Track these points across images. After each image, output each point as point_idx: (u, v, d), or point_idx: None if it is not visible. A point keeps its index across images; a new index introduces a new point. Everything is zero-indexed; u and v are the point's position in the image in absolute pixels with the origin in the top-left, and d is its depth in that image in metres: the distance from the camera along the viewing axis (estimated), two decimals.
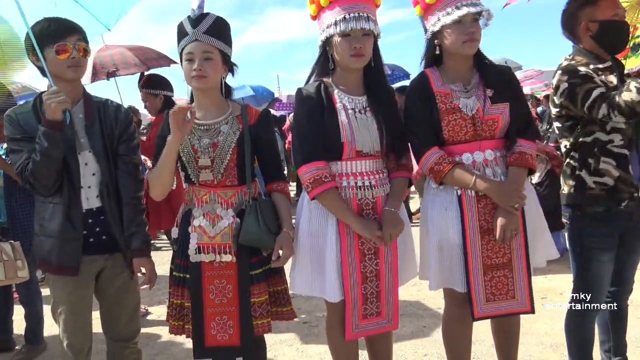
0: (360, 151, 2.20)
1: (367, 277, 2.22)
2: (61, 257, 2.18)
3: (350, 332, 2.23)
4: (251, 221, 2.15)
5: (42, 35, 2.14)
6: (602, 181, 2.28)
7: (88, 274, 2.26)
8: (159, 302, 4.54)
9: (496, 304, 2.24)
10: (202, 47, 2.11)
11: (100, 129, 2.24)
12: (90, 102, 2.28)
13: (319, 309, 3.89)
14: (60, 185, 2.17)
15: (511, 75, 2.32)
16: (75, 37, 2.17)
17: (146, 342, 3.69)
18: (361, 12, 2.13)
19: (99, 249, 2.24)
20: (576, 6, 2.32)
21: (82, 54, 2.18)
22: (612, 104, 2.12)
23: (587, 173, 2.31)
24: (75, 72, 2.19)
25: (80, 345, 2.26)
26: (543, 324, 3.49)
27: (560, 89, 2.28)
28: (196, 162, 2.19)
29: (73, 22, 2.23)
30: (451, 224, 2.22)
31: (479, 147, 2.22)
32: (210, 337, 2.19)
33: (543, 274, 4.39)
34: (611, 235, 2.32)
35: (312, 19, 2.30)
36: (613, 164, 2.26)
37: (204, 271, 2.18)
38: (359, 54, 2.13)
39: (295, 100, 2.27)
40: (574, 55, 2.35)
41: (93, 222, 2.23)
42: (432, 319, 3.75)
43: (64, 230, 2.17)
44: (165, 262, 4.79)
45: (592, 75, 2.22)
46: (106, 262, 2.28)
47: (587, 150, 2.29)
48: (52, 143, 2.06)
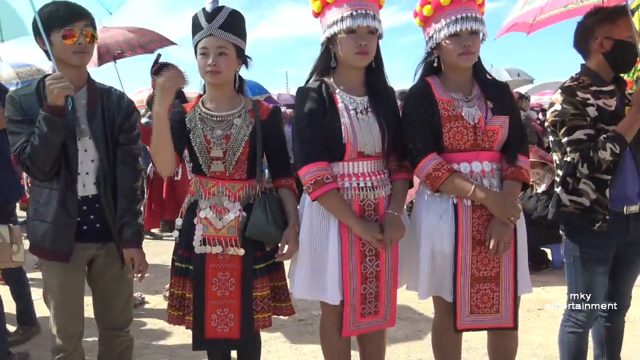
0: (362, 152, 2.19)
1: (367, 278, 2.22)
2: (54, 242, 2.18)
3: (347, 329, 2.23)
4: (259, 214, 2.15)
5: (49, 19, 2.12)
6: (578, 200, 2.32)
7: (80, 261, 2.25)
8: (155, 292, 4.55)
9: (480, 317, 2.23)
10: (217, 42, 2.11)
11: (102, 116, 2.23)
12: (94, 88, 2.27)
13: (314, 307, 3.90)
14: (58, 170, 2.16)
15: (508, 90, 2.36)
16: (83, 23, 2.15)
17: (140, 330, 3.70)
18: (368, 10, 2.13)
19: (92, 236, 2.23)
20: (595, 20, 2.33)
21: (90, 40, 2.16)
22: (583, 156, 2.22)
23: (563, 191, 2.36)
24: (81, 58, 2.17)
25: (71, 331, 2.26)
26: (537, 335, 3.50)
27: (554, 108, 2.34)
28: (208, 152, 2.19)
29: (82, 7, 2.20)
30: (445, 232, 2.20)
31: (477, 157, 2.22)
32: (210, 329, 2.20)
33: (540, 286, 4.41)
34: (605, 247, 2.33)
35: (315, 16, 2.28)
36: (592, 187, 2.29)
37: (207, 263, 2.19)
38: (364, 52, 2.13)
39: (296, 99, 2.26)
40: (580, 75, 2.38)
41: (88, 210, 2.22)
42: (427, 323, 3.74)
43: (59, 216, 2.16)
44: (164, 252, 4.81)
45: (585, 104, 2.27)
46: (99, 251, 2.28)
47: (570, 170, 2.33)
48: (52, 128, 2.04)
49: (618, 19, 2.29)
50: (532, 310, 3.95)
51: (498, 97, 2.26)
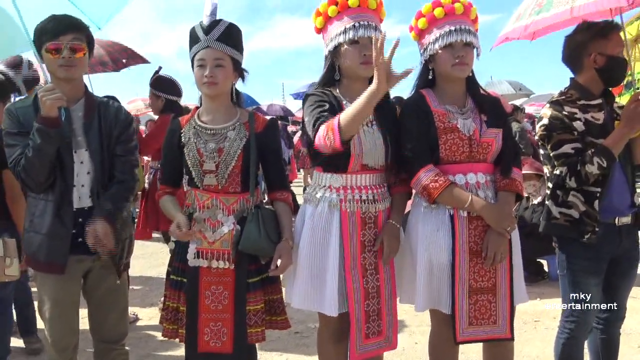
0: (366, 165, 2.20)
1: (369, 293, 2.21)
2: (49, 254, 2.17)
3: (355, 354, 2.21)
4: (252, 229, 2.15)
5: (40, 34, 2.15)
6: (568, 213, 2.34)
7: (75, 273, 2.25)
8: (150, 304, 4.52)
9: (478, 328, 2.23)
10: (214, 54, 2.13)
11: (99, 128, 2.24)
12: (91, 101, 2.27)
13: (311, 320, 3.88)
14: (53, 182, 2.16)
15: (500, 104, 2.40)
16: (71, 36, 2.14)
17: (136, 344, 3.67)
18: (370, 22, 2.17)
19: (87, 249, 2.21)
20: (588, 36, 2.34)
21: (81, 53, 2.15)
22: (571, 169, 2.26)
23: (553, 203, 2.38)
24: (67, 72, 2.15)
25: (65, 343, 2.26)
26: (534, 348, 3.49)
27: (542, 122, 2.38)
28: (201, 165, 2.19)
29: (74, 20, 2.20)
30: (443, 244, 2.21)
31: (471, 169, 2.23)
32: (203, 343, 2.18)
33: (537, 297, 4.39)
34: (597, 259, 2.34)
35: (317, 32, 2.32)
36: (581, 199, 2.31)
37: (201, 276, 2.18)
38: (368, 62, 2.14)
39: (307, 102, 2.22)
40: (569, 89, 2.41)
41: (83, 222, 2.21)
42: (424, 335, 3.70)
43: (54, 228, 2.16)
44: (159, 264, 4.79)
45: (572, 118, 2.29)
46: (94, 263, 2.27)
47: (560, 182, 2.35)
48: (46, 140, 2.05)
49: (611, 34, 2.31)
50: (529, 322, 3.94)
51: (491, 111, 2.29)
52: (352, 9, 2.18)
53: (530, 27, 2.69)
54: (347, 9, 2.19)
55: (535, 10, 2.64)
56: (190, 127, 2.24)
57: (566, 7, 2.47)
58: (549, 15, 2.55)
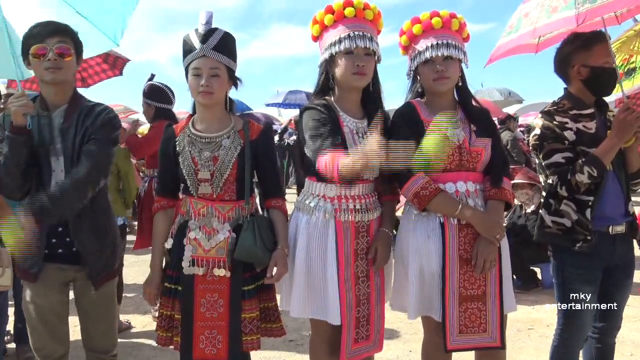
0: (361, 175, 2.21)
1: (360, 300, 2.23)
2: (25, 262, 2.17)
3: (345, 358, 2.21)
4: (247, 237, 2.15)
5: (26, 39, 2.13)
6: (560, 221, 2.36)
7: (55, 282, 2.23)
8: (144, 312, 4.50)
9: (469, 336, 2.24)
10: (210, 64, 2.12)
11: (75, 133, 2.16)
12: (74, 107, 2.20)
13: (304, 328, 3.87)
14: (29, 189, 2.15)
15: (489, 115, 2.43)
16: (56, 39, 2.10)
17: (129, 352, 3.65)
18: (365, 32, 2.18)
19: (70, 259, 2.20)
20: (571, 49, 2.37)
21: (67, 56, 2.12)
22: (562, 179, 2.28)
23: (546, 212, 2.40)
24: (53, 74, 2.11)
25: (47, 351, 2.25)
26: (528, 355, 3.49)
27: (534, 132, 2.42)
28: (196, 174, 2.19)
29: (61, 24, 2.17)
30: (433, 251, 2.22)
31: (461, 178, 2.25)
32: (198, 350, 2.18)
33: (530, 305, 4.40)
34: (591, 268, 2.35)
35: (314, 40, 2.33)
36: (573, 208, 2.33)
37: (196, 284, 2.18)
38: (361, 72, 2.17)
39: (305, 116, 2.22)
40: (562, 99, 2.43)
41: (63, 231, 2.19)
42: (418, 343, 3.67)
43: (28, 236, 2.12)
44: None
45: (563, 128, 2.31)
46: (77, 274, 2.25)
47: (552, 191, 2.37)
48: (13, 147, 2.04)
49: (593, 45, 2.33)
50: (522, 330, 3.94)
51: (480, 121, 2.31)
52: (348, 19, 2.19)
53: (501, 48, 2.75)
54: (343, 18, 2.20)
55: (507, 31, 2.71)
56: (184, 135, 2.23)
57: (529, 28, 2.51)
58: (517, 36, 2.61)
